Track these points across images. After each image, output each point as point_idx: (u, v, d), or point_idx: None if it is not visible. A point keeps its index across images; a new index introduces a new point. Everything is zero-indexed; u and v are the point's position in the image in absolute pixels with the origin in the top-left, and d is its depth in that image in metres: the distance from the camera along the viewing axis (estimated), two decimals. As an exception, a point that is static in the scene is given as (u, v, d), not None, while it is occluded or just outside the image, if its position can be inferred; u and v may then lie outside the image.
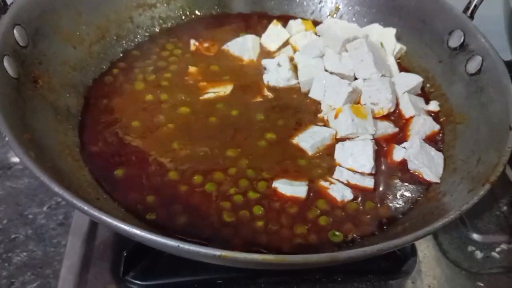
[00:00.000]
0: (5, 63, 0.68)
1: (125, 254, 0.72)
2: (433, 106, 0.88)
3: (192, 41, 0.97)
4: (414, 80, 0.89)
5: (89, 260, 0.75)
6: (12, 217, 0.88)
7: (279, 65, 0.89)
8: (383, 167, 0.77)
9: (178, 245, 0.49)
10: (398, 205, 0.72)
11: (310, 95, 0.86)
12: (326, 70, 0.88)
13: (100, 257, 0.75)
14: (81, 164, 0.72)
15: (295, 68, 0.91)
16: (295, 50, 0.96)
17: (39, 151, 0.63)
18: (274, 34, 0.98)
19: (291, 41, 0.98)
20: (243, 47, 0.95)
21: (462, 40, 0.86)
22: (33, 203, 0.91)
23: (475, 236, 0.83)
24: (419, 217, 0.68)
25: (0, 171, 0.96)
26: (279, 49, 0.97)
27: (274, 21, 1.00)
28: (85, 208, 0.51)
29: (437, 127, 0.83)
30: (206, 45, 0.97)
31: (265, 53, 0.97)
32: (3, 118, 0.60)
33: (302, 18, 1.03)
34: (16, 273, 0.79)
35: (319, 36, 0.95)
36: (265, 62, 0.91)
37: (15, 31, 0.72)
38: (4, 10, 0.72)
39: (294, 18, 1.03)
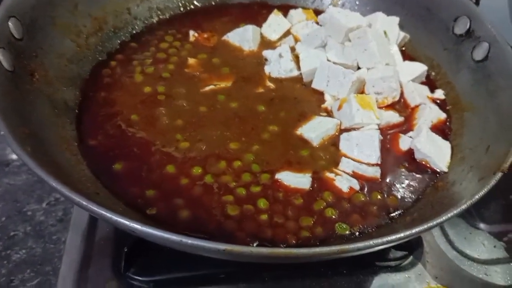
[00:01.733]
0: (0, 56, 0.66)
1: (125, 250, 0.70)
2: (439, 94, 0.86)
3: (192, 32, 0.95)
4: (418, 68, 0.88)
5: (90, 257, 0.74)
6: (11, 214, 0.87)
7: (280, 56, 0.87)
8: (389, 157, 0.75)
9: (181, 240, 0.48)
10: (405, 195, 0.70)
11: (313, 85, 0.85)
12: (328, 60, 0.86)
13: (100, 253, 0.74)
14: (79, 158, 0.70)
15: (296, 59, 0.89)
16: (296, 40, 0.94)
17: (36, 146, 0.61)
18: (275, 23, 0.97)
19: (292, 31, 0.96)
20: (243, 37, 0.93)
21: (468, 27, 0.84)
22: (31, 200, 0.90)
23: (482, 225, 0.82)
24: (428, 207, 0.66)
25: (-1, 168, 0.94)
26: (280, 39, 0.96)
27: (275, 10, 0.98)
28: (84, 203, 0.50)
29: (443, 115, 0.82)
30: (205, 36, 0.95)
31: (266, 43, 0.95)
32: (-1, 111, 0.58)
33: (303, 7, 1.01)
34: (15, 271, 0.78)
35: (320, 25, 0.93)
36: (266, 53, 0.89)
37: (10, 23, 0.70)
38: (-1, 2, 0.70)
39: (295, 7, 1.01)
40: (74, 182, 0.62)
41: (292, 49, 0.91)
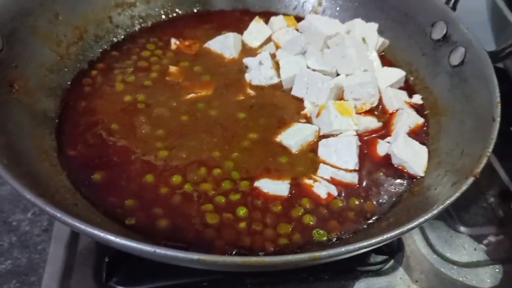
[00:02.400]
0: (-21, 68, 0.66)
1: (107, 260, 0.70)
2: (416, 99, 0.87)
3: (173, 40, 0.95)
4: (396, 74, 0.89)
5: (72, 267, 0.74)
6: (-4, 224, 0.87)
7: (260, 63, 0.88)
8: (367, 163, 0.76)
9: (154, 251, 0.48)
10: (382, 201, 0.71)
11: (293, 92, 0.85)
12: (308, 67, 0.87)
13: (82, 263, 0.74)
14: (58, 169, 0.70)
15: (277, 66, 0.89)
16: (277, 47, 0.95)
17: (13, 156, 0.62)
18: (256, 31, 0.97)
19: (273, 37, 0.97)
20: (224, 45, 0.93)
21: (444, 32, 0.86)
22: (17, 209, 0.89)
23: (462, 229, 0.82)
24: (404, 212, 0.67)
25: (-18, 178, 0.94)
26: (261, 46, 0.96)
27: (256, 17, 0.99)
28: (58, 214, 0.50)
29: (421, 120, 0.83)
30: (187, 43, 0.95)
31: (247, 51, 0.95)
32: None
33: (285, 14, 1.02)
34: (0, 281, 0.78)
35: (300, 32, 0.94)
36: (246, 60, 0.90)
37: (-12, 34, 0.70)
38: (-25, 14, 0.70)
39: (277, 14, 1.02)
40: (52, 194, 0.62)
41: (273, 56, 0.91)
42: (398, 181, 0.74)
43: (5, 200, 0.91)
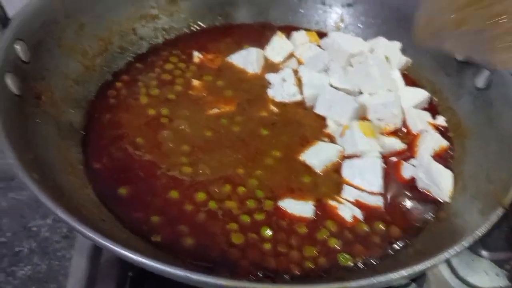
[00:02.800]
0: (7, 80, 0.66)
1: (131, 275, 0.70)
2: (441, 121, 0.87)
3: (196, 54, 0.95)
4: (420, 95, 0.88)
5: (95, 279, 0.74)
6: (16, 229, 0.88)
7: (283, 80, 0.88)
8: (391, 185, 0.75)
9: (187, 275, 0.48)
10: (408, 226, 0.71)
11: (315, 110, 0.85)
12: (331, 85, 0.87)
13: (105, 275, 0.74)
14: (84, 182, 0.71)
15: (299, 82, 0.89)
16: (299, 63, 0.94)
17: (42, 171, 0.62)
18: (278, 46, 0.97)
19: (295, 53, 0.97)
20: (247, 59, 0.94)
21: (469, 54, 0.85)
22: (37, 215, 0.90)
23: (484, 253, 0.82)
24: (431, 239, 0.67)
25: (4, 182, 0.95)
26: (284, 61, 0.96)
27: (278, 32, 0.98)
28: (93, 236, 0.50)
29: (445, 142, 0.82)
30: (210, 57, 0.96)
31: (270, 66, 0.95)
32: (6, 139, 0.59)
33: (306, 29, 1.02)
34: (21, 288, 0.78)
35: (323, 49, 0.94)
36: (269, 77, 0.90)
37: (17, 46, 0.70)
38: (5, 24, 0.71)
39: (298, 29, 1.02)
40: (80, 209, 0.62)
41: (295, 72, 0.91)
42: (423, 205, 0.73)
43: (24, 206, 0.92)
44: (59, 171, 0.68)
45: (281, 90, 0.88)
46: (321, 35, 1.00)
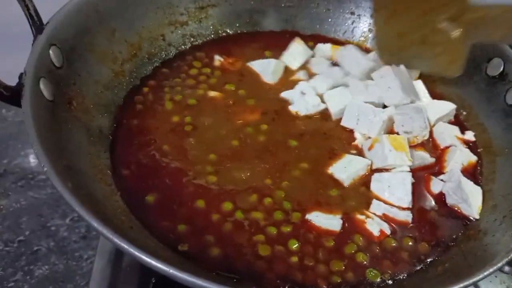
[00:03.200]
0: (41, 85, 0.67)
1: (153, 281, 0.71)
2: (469, 136, 0.86)
3: (217, 57, 0.95)
4: (446, 106, 0.87)
5: (116, 284, 0.74)
6: (35, 228, 0.89)
7: (302, 93, 0.87)
8: (420, 200, 0.75)
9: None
10: (436, 242, 0.70)
11: (342, 123, 0.85)
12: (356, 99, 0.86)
13: (127, 281, 0.75)
14: (113, 189, 0.71)
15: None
16: (310, 74, 0.94)
17: (74, 178, 0.62)
18: (296, 52, 0.96)
19: (309, 64, 0.96)
20: (265, 69, 0.92)
21: (501, 69, 0.84)
22: (56, 215, 0.91)
23: (507, 269, 0.80)
24: (460, 257, 0.66)
25: (23, 180, 0.96)
26: (301, 68, 0.95)
27: (297, 38, 0.98)
28: (126, 247, 0.50)
29: (474, 158, 0.81)
30: (230, 61, 0.95)
31: (288, 72, 0.94)
32: (40, 146, 0.59)
33: (334, 39, 1.02)
34: (38, 287, 0.79)
35: (335, 64, 0.94)
36: (286, 95, 0.89)
37: (50, 52, 0.71)
38: (40, 30, 0.71)
39: (326, 38, 1.02)
40: (111, 216, 0.63)
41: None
42: (452, 222, 0.73)
43: (44, 205, 0.93)
44: (90, 178, 0.68)
45: (304, 103, 0.87)
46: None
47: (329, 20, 1.04)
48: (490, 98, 0.86)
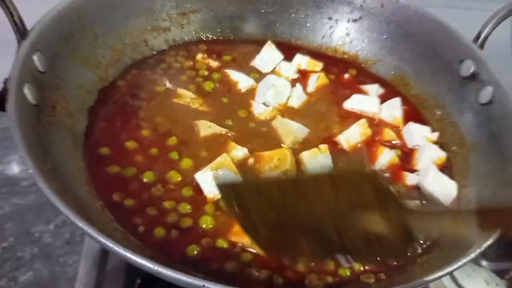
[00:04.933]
0: (26, 91, 0.67)
1: (139, 282, 0.72)
2: (435, 135, 0.89)
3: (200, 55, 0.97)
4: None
5: (101, 285, 0.75)
6: (19, 234, 0.89)
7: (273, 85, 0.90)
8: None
9: (203, 285, 0.50)
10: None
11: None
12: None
13: (112, 282, 0.76)
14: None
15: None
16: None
17: (60, 181, 0.63)
18: (267, 56, 0.98)
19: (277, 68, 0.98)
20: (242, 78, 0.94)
21: (472, 70, 0.87)
22: (40, 220, 0.91)
23: (484, 263, 0.84)
24: (436, 250, 0.68)
25: (8, 187, 0.96)
26: (272, 71, 0.97)
27: (269, 42, 1.00)
28: (111, 246, 0.52)
29: (443, 154, 0.84)
30: (212, 63, 0.96)
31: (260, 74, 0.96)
32: (25, 149, 0.59)
33: (311, 47, 1.06)
34: (22, 293, 0.79)
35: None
36: (261, 87, 0.91)
37: (35, 57, 0.72)
38: (24, 36, 0.72)
39: (304, 44, 1.06)
40: (95, 219, 0.64)
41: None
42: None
43: (28, 211, 0.93)
44: (75, 181, 0.69)
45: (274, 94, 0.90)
46: (326, 50, 1.04)
47: (308, 25, 1.06)
48: (462, 98, 0.89)
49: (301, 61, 1.00)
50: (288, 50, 1.01)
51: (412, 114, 0.94)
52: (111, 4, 0.89)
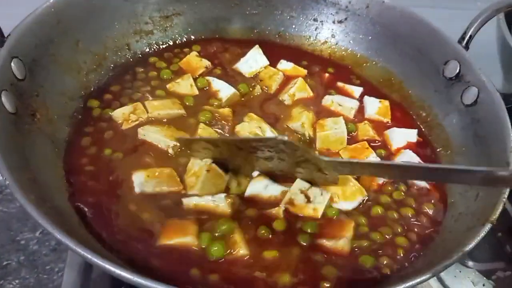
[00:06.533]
0: (3, 98, 0.66)
1: (123, 291, 0.71)
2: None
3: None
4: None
5: (86, 293, 0.74)
6: (4, 242, 0.87)
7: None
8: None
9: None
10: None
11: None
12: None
13: (97, 290, 0.75)
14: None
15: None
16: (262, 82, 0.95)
17: (39, 191, 0.62)
18: (252, 59, 0.98)
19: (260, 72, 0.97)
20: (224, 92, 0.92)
21: (457, 71, 0.87)
22: (25, 228, 0.90)
23: (471, 264, 0.84)
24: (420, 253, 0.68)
25: (-9, 195, 0.94)
26: (255, 74, 0.97)
27: (256, 46, 0.99)
28: (94, 258, 0.51)
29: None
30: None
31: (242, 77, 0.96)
32: (2, 159, 0.59)
33: (298, 48, 1.05)
34: (9, 302, 0.78)
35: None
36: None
37: (12, 64, 0.71)
38: (1, 43, 0.71)
39: (291, 45, 1.05)
40: (76, 230, 0.63)
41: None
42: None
43: (13, 219, 0.91)
44: (54, 190, 0.68)
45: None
46: (314, 49, 1.04)
47: (293, 26, 1.06)
48: (448, 99, 0.89)
49: (286, 66, 0.99)
50: (273, 56, 1.00)
51: (398, 116, 0.94)
52: (92, 7, 0.88)
